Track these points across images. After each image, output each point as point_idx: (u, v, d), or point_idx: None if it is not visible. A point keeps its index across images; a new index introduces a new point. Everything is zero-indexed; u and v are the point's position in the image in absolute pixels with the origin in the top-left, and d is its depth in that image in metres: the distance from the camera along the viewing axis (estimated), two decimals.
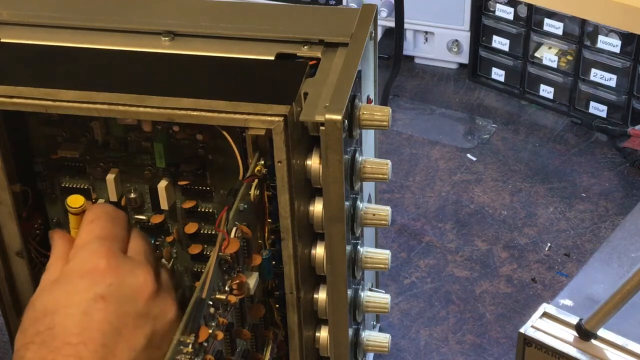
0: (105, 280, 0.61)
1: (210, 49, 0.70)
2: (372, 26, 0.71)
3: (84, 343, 0.59)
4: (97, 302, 0.60)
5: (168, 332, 0.63)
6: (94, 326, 0.59)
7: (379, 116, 0.67)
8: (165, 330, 0.63)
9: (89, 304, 0.60)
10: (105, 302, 0.60)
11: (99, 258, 0.63)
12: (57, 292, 0.62)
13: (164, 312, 0.63)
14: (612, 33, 1.13)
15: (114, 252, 0.64)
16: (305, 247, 0.69)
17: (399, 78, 1.27)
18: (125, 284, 0.62)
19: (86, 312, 0.60)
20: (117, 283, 0.62)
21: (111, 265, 0.62)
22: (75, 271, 0.63)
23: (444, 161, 1.16)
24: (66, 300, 0.61)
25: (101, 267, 0.62)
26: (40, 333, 0.60)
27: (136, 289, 0.62)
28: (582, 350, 0.73)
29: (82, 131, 0.72)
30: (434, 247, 1.04)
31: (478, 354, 0.92)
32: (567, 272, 1.00)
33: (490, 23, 1.24)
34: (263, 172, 0.67)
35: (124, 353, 0.60)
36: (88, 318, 0.60)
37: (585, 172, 1.13)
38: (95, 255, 0.63)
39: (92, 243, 0.64)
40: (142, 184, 0.73)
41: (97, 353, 0.58)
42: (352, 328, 0.75)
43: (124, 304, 0.61)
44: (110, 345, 0.59)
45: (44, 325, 0.60)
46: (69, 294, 0.61)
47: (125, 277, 0.62)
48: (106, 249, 0.63)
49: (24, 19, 0.73)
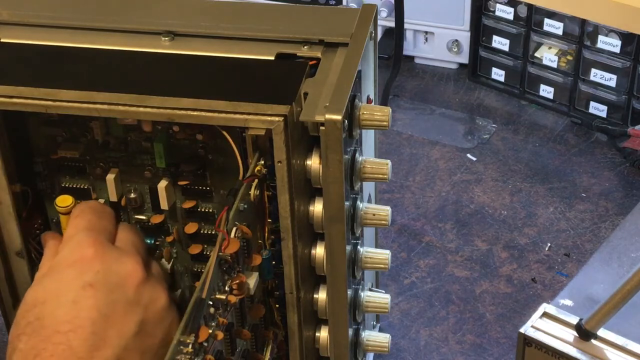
0: (93, 268, 0.62)
1: (210, 49, 0.70)
2: (372, 26, 0.71)
3: (73, 331, 0.59)
4: (85, 290, 0.61)
5: (159, 320, 0.63)
6: (84, 314, 0.60)
7: (379, 116, 0.67)
8: (156, 318, 0.63)
9: (77, 292, 0.61)
10: (94, 290, 0.61)
11: (87, 247, 0.63)
12: (46, 283, 0.62)
13: (154, 299, 0.64)
14: (612, 33, 1.13)
15: (100, 241, 0.64)
16: (305, 247, 0.69)
17: (399, 78, 1.27)
18: (113, 272, 0.62)
19: (75, 301, 0.60)
20: (104, 270, 0.62)
21: (98, 254, 0.63)
22: (63, 262, 0.63)
23: (444, 161, 1.16)
24: (55, 290, 0.61)
25: (88, 255, 0.63)
26: (30, 323, 0.60)
27: (124, 277, 0.63)
28: (582, 350, 0.73)
29: (82, 131, 0.72)
30: (434, 247, 1.04)
31: (478, 354, 0.92)
32: (567, 272, 1.00)
33: (490, 23, 1.24)
34: (263, 172, 0.67)
35: (114, 340, 0.60)
36: (77, 306, 0.60)
37: (585, 172, 1.13)
38: (83, 245, 0.63)
39: (79, 234, 0.65)
40: (142, 184, 0.73)
41: (87, 341, 0.59)
42: (352, 328, 0.75)
43: (112, 292, 0.61)
44: (100, 333, 0.59)
45: (34, 315, 0.60)
46: (58, 284, 0.62)
47: (112, 265, 0.63)
48: (93, 239, 0.64)
49: (24, 19, 0.73)
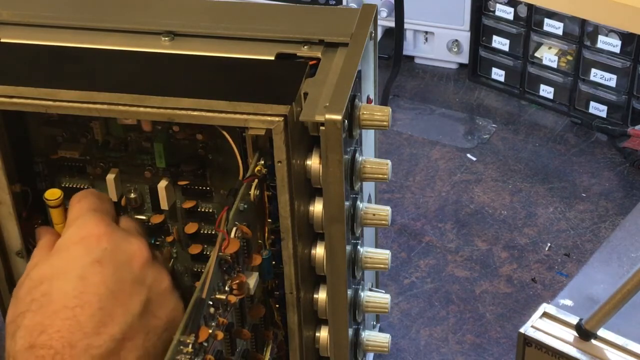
0: (101, 245, 0.62)
1: (210, 49, 0.70)
2: (372, 26, 0.71)
3: (80, 306, 0.59)
4: (93, 266, 0.61)
5: (163, 301, 0.64)
6: (91, 290, 0.60)
7: (379, 116, 0.67)
8: (160, 299, 0.63)
9: (85, 268, 0.61)
10: (102, 267, 0.61)
11: (94, 225, 0.64)
12: (53, 260, 0.62)
13: (158, 280, 0.64)
14: (612, 33, 1.13)
15: (106, 221, 0.65)
16: (305, 247, 0.69)
17: (399, 78, 1.27)
18: (120, 249, 0.63)
19: (83, 277, 0.60)
20: (111, 248, 0.62)
21: (106, 232, 0.63)
22: (71, 239, 0.63)
23: (444, 161, 1.16)
24: (63, 266, 0.61)
25: (96, 232, 0.63)
26: (36, 300, 0.60)
27: (131, 255, 0.63)
28: (582, 350, 0.73)
29: (82, 131, 0.72)
30: (434, 247, 1.04)
31: (478, 354, 0.92)
32: (567, 272, 1.00)
33: (490, 23, 1.24)
34: (263, 172, 0.67)
35: (121, 317, 0.60)
36: (85, 282, 0.60)
37: (585, 172, 1.13)
38: (90, 223, 0.64)
39: (85, 214, 0.65)
40: (142, 184, 0.73)
41: (95, 316, 0.59)
42: (352, 328, 0.75)
43: (119, 269, 0.62)
44: (107, 309, 0.60)
45: (40, 292, 0.60)
46: (65, 261, 0.62)
47: (119, 243, 0.63)
48: (99, 218, 0.64)
49: (24, 19, 0.73)
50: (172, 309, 0.64)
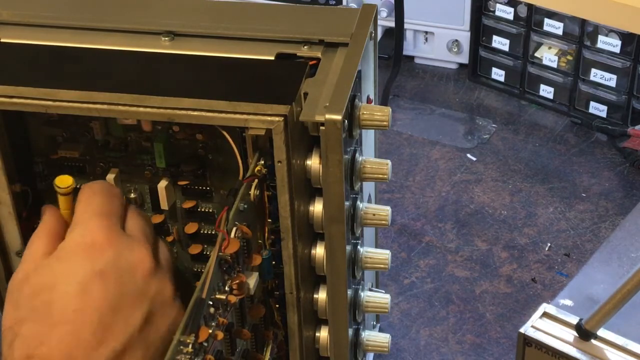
0: (104, 255, 0.61)
1: (210, 49, 0.70)
2: (372, 26, 0.71)
3: (81, 320, 0.58)
4: (95, 278, 0.60)
5: (165, 311, 0.63)
6: (92, 304, 0.59)
7: (379, 116, 0.67)
8: (162, 310, 0.63)
9: (87, 280, 0.60)
10: (104, 279, 0.60)
11: (98, 233, 0.62)
12: (55, 268, 0.61)
13: (161, 290, 0.63)
14: (612, 33, 1.13)
15: (111, 227, 0.63)
16: (305, 247, 0.69)
17: (399, 78, 1.27)
18: (123, 259, 0.62)
19: (84, 289, 0.59)
20: (115, 258, 0.61)
21: (110, 241, 0.62)
22: (74, 247, 0.62)
23: (444, 161, 1.16)
24: (64, 276, 0.60)
25: (99, 241, 0.62)
26: (36, 309, 0.59)
27: (134, 265, 0.62)
28: (582, 350, 0.73)
29: (82, 131, 0.72)
30: (434, 247, 1.04)
31: (478, 354, 0.92)
32: (567, 272, 1.00)
33: (490, 23, 1.24)
34: (263, 172, 0.67)
35: (122, 330, 0.59)
36: (86, 295, 0.59)
37: (585, 172, 1.13)
38: (94, 231, 0.62)
39: (90, 219, 0.63)
40: (142, 184, 0.73)
41: (95, 330, 0.58)
42: (352, 328, 0.75)
43: (122, 281, 0.61)
44: (108, 323, 0.59)
45: (40, 301, 0.60)
46: (68, 270, 0.61)
47: (123, 252, 0.62)
48: (104, 225, 0.63)
49: (24, 19, 0.73)
50: (173, 318, 0.63)
